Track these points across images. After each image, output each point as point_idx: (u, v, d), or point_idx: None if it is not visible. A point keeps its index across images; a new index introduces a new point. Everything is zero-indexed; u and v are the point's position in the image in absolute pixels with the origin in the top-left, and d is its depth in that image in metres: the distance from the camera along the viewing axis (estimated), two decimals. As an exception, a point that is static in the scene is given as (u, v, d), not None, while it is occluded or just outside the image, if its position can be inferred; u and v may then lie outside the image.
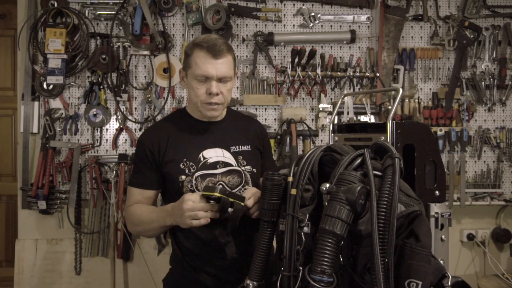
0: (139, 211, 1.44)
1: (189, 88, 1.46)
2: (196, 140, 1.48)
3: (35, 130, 2.51)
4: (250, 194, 1.27)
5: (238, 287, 1.07)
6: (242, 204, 1.20)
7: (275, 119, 2.60)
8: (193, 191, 1.42)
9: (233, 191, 1.43)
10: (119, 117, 2.52)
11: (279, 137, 2.53)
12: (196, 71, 1.40)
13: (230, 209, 1.20)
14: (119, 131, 2.54)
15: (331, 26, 2.64)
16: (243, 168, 1.48)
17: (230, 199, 1.18)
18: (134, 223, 1.47)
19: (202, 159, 1.45)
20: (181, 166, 1.43)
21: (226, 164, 1.46)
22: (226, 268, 1.42)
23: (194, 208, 1.22)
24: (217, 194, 1.17)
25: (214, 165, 1.45)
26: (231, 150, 1.49)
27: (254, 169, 1.50)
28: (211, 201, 1.21)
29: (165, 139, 1.47)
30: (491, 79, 2.65)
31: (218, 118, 1.54)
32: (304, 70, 2.55)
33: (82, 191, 2.51)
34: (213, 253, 1.43)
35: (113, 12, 2.50)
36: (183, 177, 1.43)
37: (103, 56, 2.47)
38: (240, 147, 1.51)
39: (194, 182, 1.43)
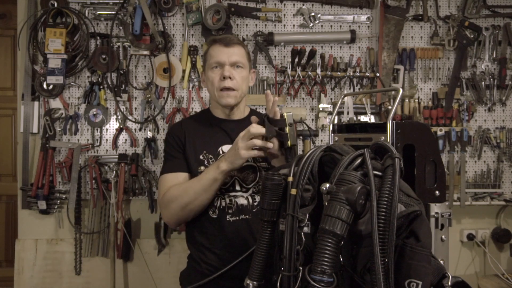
0: (183, 185, 1.44)
1: (207, 81, 1.55)
2: (216, 135, 1.54)
3: (35, 130, 2.51)
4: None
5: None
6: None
7: (275, 119, 2.60)
8: None
9: (248, 187, 1.49)
10: (119, 117, 2.52)
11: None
12: (210, 60, 1.51)
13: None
14: (119, 131, 2.54)
15: (331, 26, 2.64)
16: (258, 164, 1.51)
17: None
18: (179, 197, 1.42)
19: (221, 152, 1.51)
20: (201, 157, 1.49)
21: None
22: (234, 264, 1.44)
23: (245, 134, 1.28)
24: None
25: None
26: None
27: (269, 166, 1.52)
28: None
29: (187, 132, 1.55)
30: (491, 79, 2.65)
31: (238, 116, 1.59)
32: (304, 70, 2.55)
33: (82, 191, 2.51)
34: (223, 248, 1.46)
35: (113, 12, 2.50)
36: (202, 167, 1.48)
37: (103, 56, 2.47)
38: None
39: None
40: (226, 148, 1.51)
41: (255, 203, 1.48)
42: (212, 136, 1.54)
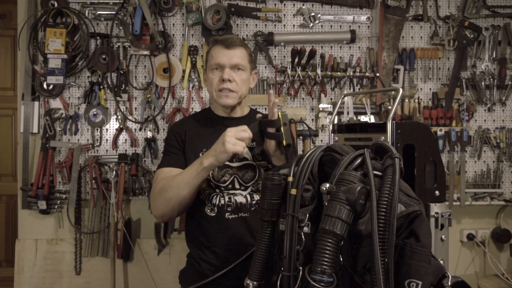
0: (170, 178, 1.45)
1: (207, 81, 1.57)
2: (216, 133, 1.53)
3: (35, 130, 2.51)
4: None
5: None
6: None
7: (275, 119, 2.60)
8: (209, 181, 1.50)
9: (247, 185, 1.51)
10: (119, 117, 2.52)
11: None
12: (211, 61, 1.53)
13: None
14: (119, 131, 2.54)
15: (331, 26, 2.64)
16: (258, 163, 1.51)
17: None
18: (164, 191, 1.44)
19: None
20: (200, 155, 1.49)
21: (242, 159, 1.52)
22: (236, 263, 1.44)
23: (236, 132, 1.31)
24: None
25: (231, 158, 1.48)
26: (249, 145, 1.52)
27: (270, 165, 1.52)
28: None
29: (189, 130, 1.57)
30: (491, 79, 2.65)
31: (239, 114, 1.61)
32: (304, 70, 2.55)
33: (82, 191, 2.51)
34: (222, 246, 1.47)
35: (113, 12, 2.50)
36: None
37: (103, 56, 2.47)
38: None
39: (210, 171, 1.47)
40: None
41: (254, 202, 1.50)
42: (212, 134, 1.55)
